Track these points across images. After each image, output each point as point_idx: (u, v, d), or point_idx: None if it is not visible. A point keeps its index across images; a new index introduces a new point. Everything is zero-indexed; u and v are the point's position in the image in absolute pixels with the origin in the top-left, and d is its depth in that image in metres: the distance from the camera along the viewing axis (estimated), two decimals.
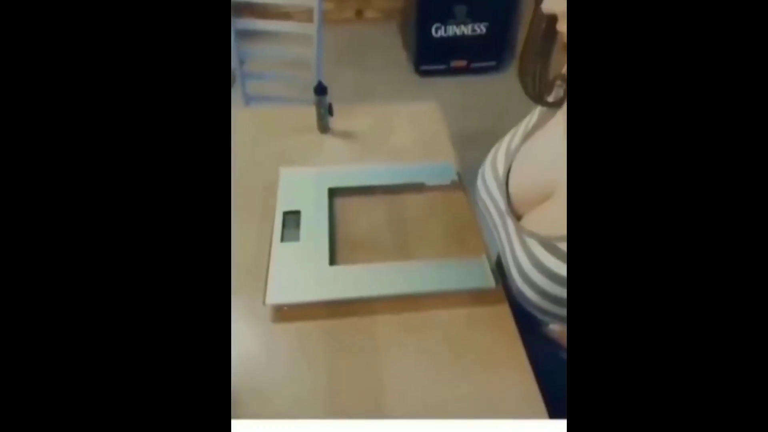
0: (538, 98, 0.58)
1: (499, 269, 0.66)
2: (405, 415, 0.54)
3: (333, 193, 0.79)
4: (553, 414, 0.54)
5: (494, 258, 0.69)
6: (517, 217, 0.60)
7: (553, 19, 0.47)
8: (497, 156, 0.65)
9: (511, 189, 0.61)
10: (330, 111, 0.95)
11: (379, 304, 0.64)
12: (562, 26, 0.46)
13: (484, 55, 2.49)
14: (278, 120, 1.03)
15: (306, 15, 1.38)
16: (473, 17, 2.37)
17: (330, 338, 0.61)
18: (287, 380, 0.57)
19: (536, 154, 0.59)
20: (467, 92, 2.41)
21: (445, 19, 2.37)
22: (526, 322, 0.64)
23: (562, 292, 0.52)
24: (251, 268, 0.67)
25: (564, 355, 0.63)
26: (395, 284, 0.64)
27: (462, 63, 2.51)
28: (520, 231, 0.58)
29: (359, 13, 3.18)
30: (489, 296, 0.65)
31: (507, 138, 0.65)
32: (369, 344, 0.61)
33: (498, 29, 2.42)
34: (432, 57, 2.48)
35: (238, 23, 1.41)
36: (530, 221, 0.58)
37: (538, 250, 0.54)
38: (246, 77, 1.51)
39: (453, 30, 2.40)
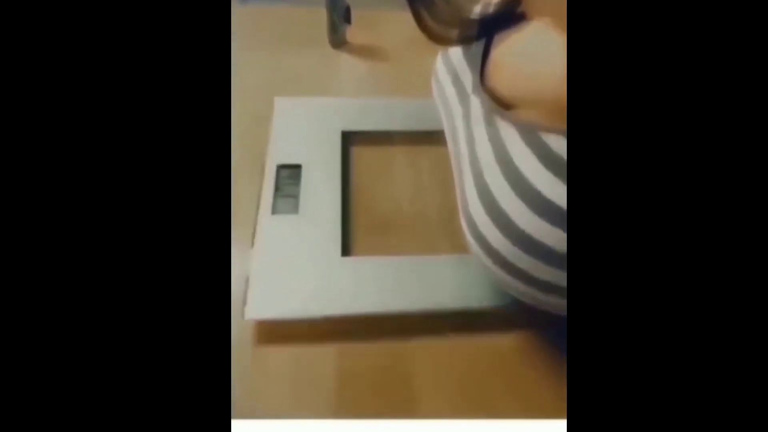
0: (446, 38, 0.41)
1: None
2: None
3: (348, 138, 0.57)
4: None
5: None
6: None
7: None
8: None
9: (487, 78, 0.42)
10: (347, 17, 0.71)
11: (414, 319, 0.44)
12: None
13: None
14: (278, 26, 0.77)
15: None
16: None
17: (342, 375, 0.41)
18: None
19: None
20: None
21: None
22: None
23: (532, 216, 0.32)
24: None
25: None
26: (439, 293, 0.44)
27: None
28: (489, 112, 0.39)
29: None
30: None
31: None
32: (400, 384, 0.41)
33: None
34: None
35: None
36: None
37: (511, 140, 0.35)
38: None
39: None
